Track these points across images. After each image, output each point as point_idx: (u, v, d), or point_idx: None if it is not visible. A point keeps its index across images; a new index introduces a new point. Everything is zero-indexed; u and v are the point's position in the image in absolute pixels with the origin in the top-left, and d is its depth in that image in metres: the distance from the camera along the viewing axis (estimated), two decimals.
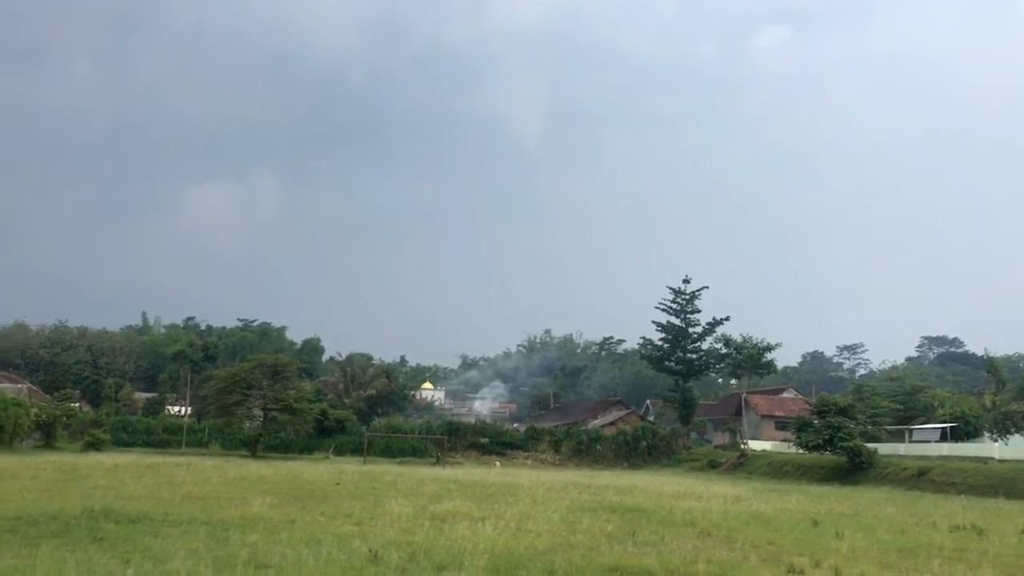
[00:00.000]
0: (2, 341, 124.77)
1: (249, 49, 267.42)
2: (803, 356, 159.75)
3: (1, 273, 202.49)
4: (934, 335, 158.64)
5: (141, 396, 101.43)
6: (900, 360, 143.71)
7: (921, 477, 43.30)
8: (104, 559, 11.91)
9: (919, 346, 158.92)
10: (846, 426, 50.84)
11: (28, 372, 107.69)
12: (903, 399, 74.14)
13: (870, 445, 50.86)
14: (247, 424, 67.60)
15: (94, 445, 58.90)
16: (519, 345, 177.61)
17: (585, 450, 71.23)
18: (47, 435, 60.19)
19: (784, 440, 64.99)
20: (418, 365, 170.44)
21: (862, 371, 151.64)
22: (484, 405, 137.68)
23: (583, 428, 76.99)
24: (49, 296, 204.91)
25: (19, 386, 74.00)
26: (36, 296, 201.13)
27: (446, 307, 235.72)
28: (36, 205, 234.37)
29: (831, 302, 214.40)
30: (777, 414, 78.82)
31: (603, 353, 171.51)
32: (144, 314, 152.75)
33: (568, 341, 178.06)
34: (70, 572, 10.64)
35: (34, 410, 58.73)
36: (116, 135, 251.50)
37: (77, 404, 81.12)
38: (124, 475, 30.36)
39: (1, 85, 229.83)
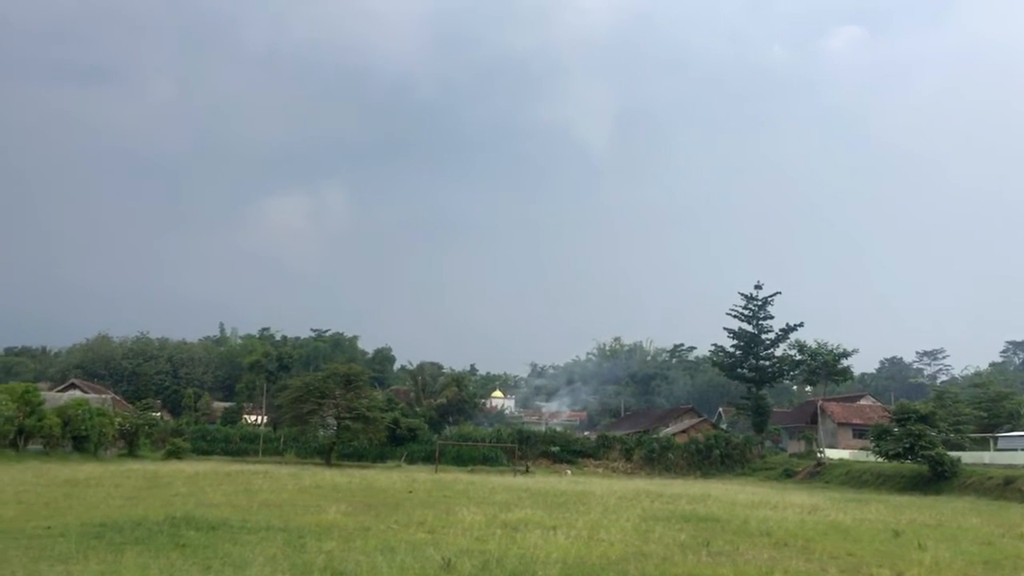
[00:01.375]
0: (87, 353, 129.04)
1: (320, 66, 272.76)
2: (881, 362, 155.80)
3: (85, 287, 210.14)
4: (1019, 339, 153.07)
5: (219, 405, 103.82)
6: (984, 365, 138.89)
7: (1007, 486, 41.78)
8: (186, 565, 12.21)
9: (1004, 351, 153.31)
10: (927, 434, 49.39)
11: (112, 383, 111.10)
12: (987, 406, 71.75)
13: (953, 453, 49.31)
14: (321, 432, 68.67)
15: (175, 453, 60.39)
16: (589, 353, 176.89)
17: (657, 458, 70.54)
18: (130, 444, 62.00)
19: (862, 448, 63.48)
20: (488, 373, 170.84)
21: (943, 377, 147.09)
22: (555, 410, 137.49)
23: (654, 436, 76.27)
24: (131, 308, 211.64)
25: (103, 396, 76.37)
26: (118, 309, 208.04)
27: (516, 315, 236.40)
28: (116, 221, 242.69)
29: (910, 307, 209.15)
30: (855, 422, 76.96)
31: (674, 360, 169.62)
32: (221, 325, 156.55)
33: (638, 348, 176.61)
34: None
35: (118, 419, 60.57)
36: (192, 151, 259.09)
37: (158, 413, 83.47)
38: (204, 483, 31.07)
39: (81, 106, 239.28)
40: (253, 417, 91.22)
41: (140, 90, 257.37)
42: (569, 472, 64.85)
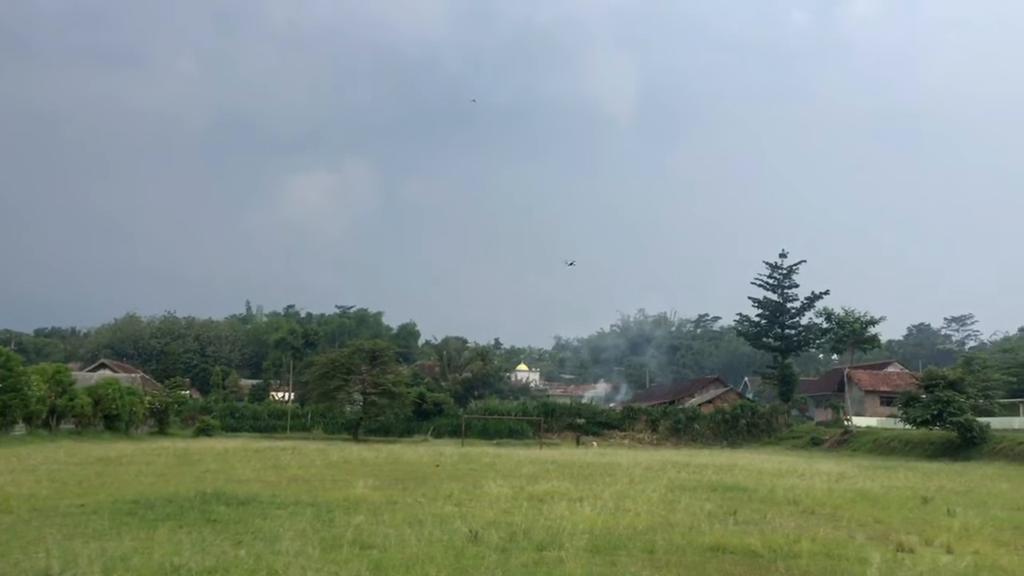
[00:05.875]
0: (116, 333, 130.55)
1: (344, 41, 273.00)
2: (908, 329, 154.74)
3: (113, 268, 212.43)
4: None
5: (247, 383, 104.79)
6: (1013, 331, 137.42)
7: None
8: (217, 540, 12.33)
9: None
10: (956, 400, 48.92)
11: (141, 362, 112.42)
12: (1017, 371, 71.14)
13: (982, 419, 48.88)
14: (348, 408, 69.22)
15: (204, 431, 61.15)
16: (613, 325, 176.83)
17: (683, 429, 70.56)
18: (160, 422, 62.79)
19: (890, 416, 63.12)
20: (512, 347, 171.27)
21: (972, 343, 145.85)
22: (580, 383, 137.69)
23: (680, 407, 76.26)
24: (158, 288, 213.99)
25: (133, 375, 77.29)
26: (146, 289, 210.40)
27: (540, 289, 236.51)
28: (143, 201, 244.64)
29: (937, 273, 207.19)
30: (882, 389, 76.52)
31: (699, 331, 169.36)
32: (247, 303, 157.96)
33: (663, 319, 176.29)
34: (186, 553, 11.04)
35: (148, 398, 61.31)
36: (218, 130, 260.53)
37: (187, 392, 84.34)
38: (233, 459, 31.39)
39: (107, 87, 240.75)
40: (280, 394, 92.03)
41: (164, 70, 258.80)
42: (595, 444, 65.02)
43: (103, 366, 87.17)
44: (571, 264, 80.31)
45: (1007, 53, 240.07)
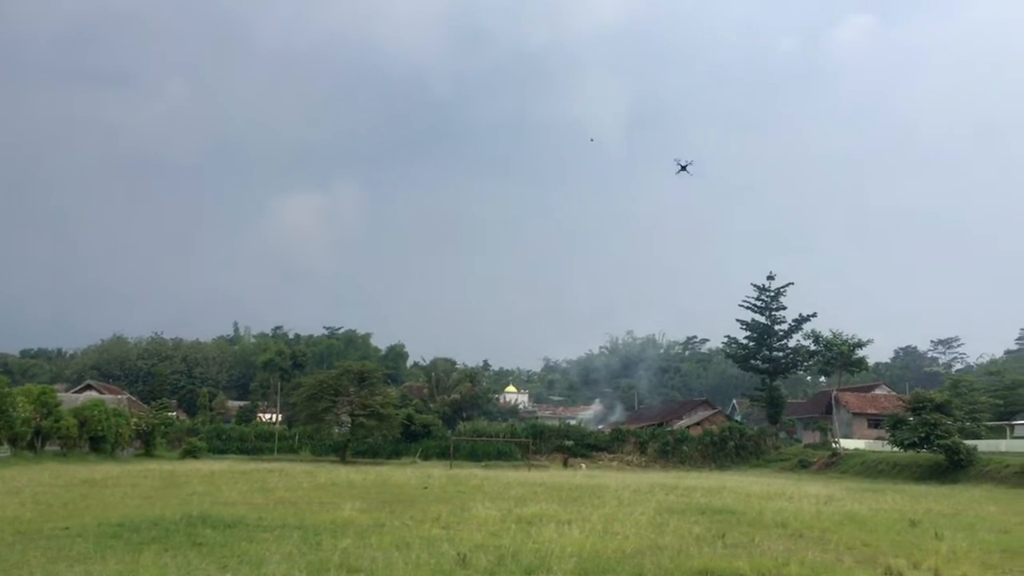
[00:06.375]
0: (102, 354, 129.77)
1: (333, 64, 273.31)
2: (895, 352, 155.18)
3: (100, 289, 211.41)
4: None
5: (234, 404, 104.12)
6: (999, 353, 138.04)
7: None
8: (203, 564, 12.27)
9: (1019, 338, 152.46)
10: (943, 423, 49.12)
11: (127, 383, 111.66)
12: (1003, 393, 71.43)
13: (969, 442, 49.05)
14: (336, 430, 68.84)
15: (191, 453, 60.69)
16: (601, 346, 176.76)
17: (671, 451, 70.43)
18: (146, 443, 62.29)
19: (878, 438, 63.27)
20: (501, 369, 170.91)
21: (958, 365, 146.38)
22: (568, 405, 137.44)
23: (669, 429, 76.19)
24: (145, 309, 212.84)
25: (119, 397, 76.76)
26: (132, 310, 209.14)
27: (529, 310, 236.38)
28: (131, 222, 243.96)
29: (924, 296, 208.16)
30: (869, 412, 76.69)
31: (687, 353, 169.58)
32: (235, 324, 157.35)
33: (651, 341, 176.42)
34: None
35: (134, 420, 60.87)
36: (206, 151, 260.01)
37: (174, 413, 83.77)
38: (220, 482, 31.21)
39: (96, 109, 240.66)
40: (267, 416, 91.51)
41: (154, 92, 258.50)
42: (583, 466, 64.86)
43: (89, 387, 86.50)
44: (684, 168, 70.47)
45: (996, 79, 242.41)
